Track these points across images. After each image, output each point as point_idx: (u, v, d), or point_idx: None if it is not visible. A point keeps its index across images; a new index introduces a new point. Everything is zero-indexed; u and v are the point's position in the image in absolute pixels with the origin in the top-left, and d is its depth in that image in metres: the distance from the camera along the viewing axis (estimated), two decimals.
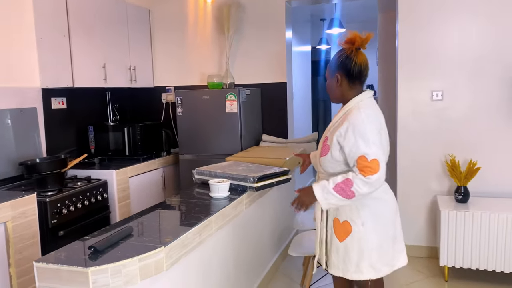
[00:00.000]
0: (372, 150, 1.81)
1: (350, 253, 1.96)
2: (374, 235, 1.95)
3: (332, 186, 1.86)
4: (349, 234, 1.95)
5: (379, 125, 1.92)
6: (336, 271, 2.03)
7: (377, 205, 1.97)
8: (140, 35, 4.17)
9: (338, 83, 1.99)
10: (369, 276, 1.97)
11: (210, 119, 3.69)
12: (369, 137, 1.83)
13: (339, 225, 1.98)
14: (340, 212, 1.97)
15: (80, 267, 1.35)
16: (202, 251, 2.12)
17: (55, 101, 3.48)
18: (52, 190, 2.81)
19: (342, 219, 1.97)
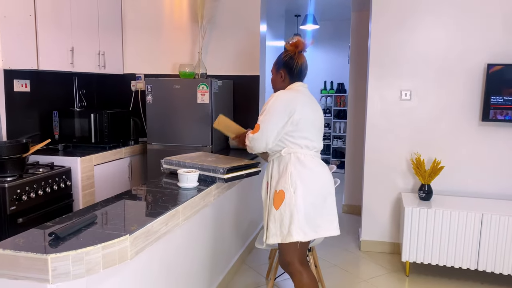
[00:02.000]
0: (260, 118, 2.25)
1: (284, 218, 2.20)
2: (302, 200, 2.19)
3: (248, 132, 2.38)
4: (283, 201, 2.20)
5: (286, 105, 2.22)
6: (274, 238, 2.25)
7: (308, 175, 2.23)
8: (110, 19, 4.04)
9: (282, 78, 2.37)
10: (298, 238, 2.18)
11: (180, 109, 3.63)
12: (265, 110, 2.25)
13: (276, 194, 2.24)
14: (278, 184, 2.25)
15: (39, 254, 1.30)
16: (169, 241, 2.09)
17: (17, 83, 3.33)
18: (12, 175, 2.68)
19: (279, 189, 2.23)
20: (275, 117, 2.21)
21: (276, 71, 2.39)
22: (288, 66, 2.35)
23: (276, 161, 2.33)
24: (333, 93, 7.58)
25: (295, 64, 2.34)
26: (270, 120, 2.21)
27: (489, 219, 3.09)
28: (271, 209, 2.27)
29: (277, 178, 2.27)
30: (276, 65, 2.40)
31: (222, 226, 2.95)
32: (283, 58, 2.36)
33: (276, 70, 2.39)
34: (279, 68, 2.38)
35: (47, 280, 1.30)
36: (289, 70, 2.35)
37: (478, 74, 3.46)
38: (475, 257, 3.16)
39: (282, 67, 2.36)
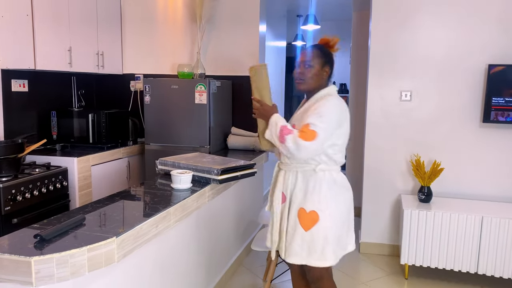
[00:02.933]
0: (317, 123, 1.92)
1: (315, 241, 2.02)
2: (335, 223, 2.05)
3: (281, 124, 2.00)
4: (315, 223, 2.01)
5: (340, 115, 2.01)
6: (298, 259, 2.07)
7: (342, 195, 2.08)
8: (109, 19, 4.03)
9: (325, 76, 2.10)
10: (331, 263, 2.06)
11: (178, 109, 3.62)
12: (323, 116, 1.94)
13: (306, 214, 2.02)
14: (307, 202, 2.03)
15: (23, 256, 1.28)
16: (161, 243, 2.07)
17: (15, 83, 3.33)
18: (7, 175, 2.68)
19: (309, 209, 2.02)
20: (331, 126, 1.96)
21: (322, 65, 2.08)
22: (332, 63, 2.13)
23: (303, 175, 2.07)
24: None
25: (334, 64, 2.17)
26: (328, 130, 1.95)
27: (489, 221, 3.05)
28: (296, 229, 2.05)
29: (304, 195, 2.05)
30: (322, 58, 2.09)
31: (219, 227, 2.92)
32: (329, 53, 2.12)
33: (322, 65, 2.08)
34: (326, 63, 2.09)
35: (30, 283, 1.28)
36: (332, 67, 2.12)
37: (479, 75, 3.42)
38: (475, 260, 3.11)
39: (329, 64, 2.10)
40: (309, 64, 2.07)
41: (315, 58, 2.07)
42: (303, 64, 2.08)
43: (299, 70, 2.10)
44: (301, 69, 2.09)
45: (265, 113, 2.07)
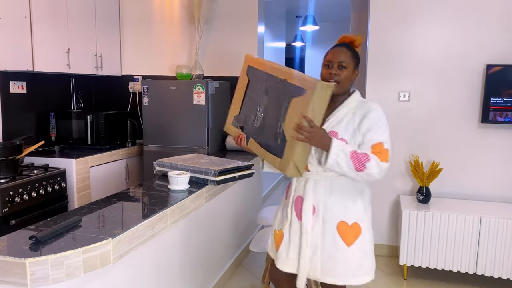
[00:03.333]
0: (387, 140, 1.80)
1: (360, 256, 1.85)
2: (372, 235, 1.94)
3: (350, 150, 1.73)
4: (358, 236, 1.84)
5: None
6: (340, 279, 1.85)
7: (369, 203, 1.98)
8: (108, 21, 4.04)
9: (354, 78, 1.91)
10: (373, 277, 1.91)
11: (176, 110, 3.62)
12: (386, 129, 1.82)
13: (348, 228, 1.83)
14: (348, 214, 1.84)
15: (18, 258, 1.28)
16: (158, 244, 2.07)
17: (14, 85, 3.33)
18: (5, 177, 2.68)
19: (352, 221, 1.84)
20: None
21: (354, 67, 1.89)
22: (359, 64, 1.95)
23: (340, 185, 1.88)
24: None
25: None
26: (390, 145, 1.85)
27: (488, 222, 3.05)
28: (337, 245, 1.83)
29: (344, 207, 1.85)
30: (355, 60, 1.90)
31: (217, 228, 2.92)
32: (357, 54, 1.94)
33: (354, 67, 1.89)
34: (357, 65, 1.91)
35: (25, 284, 1.28)
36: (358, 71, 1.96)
37: (477, 75, 3.42)
38: (473, 261, 3.11)
39: (358, 67, 1.92)
40: (343, 65, 1.85)
41: (349, 59, 1.86)
42: (338, 65, 1.85)
43: (332, 71, 1.84)
44: (335, 70, 1.85)
45: (319, 138, 1.71)
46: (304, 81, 1.69)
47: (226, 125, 2.13)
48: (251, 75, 2.00)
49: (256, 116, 1.92)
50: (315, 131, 1.68)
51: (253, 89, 1.97)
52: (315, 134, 1.68)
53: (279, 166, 1.78)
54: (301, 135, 1.67)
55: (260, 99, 1.91)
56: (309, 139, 1.68)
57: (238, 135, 2.00)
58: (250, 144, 1.94)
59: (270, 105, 1.85)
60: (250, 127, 1.95)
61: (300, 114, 1.67)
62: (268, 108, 1.86)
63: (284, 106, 1.75)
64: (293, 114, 1.71)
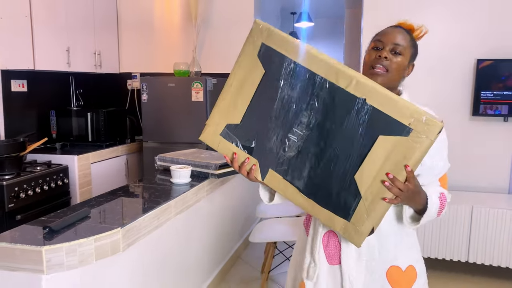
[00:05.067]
0: (447, 163, 1.41)
1: None
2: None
3: (437, 197, 1.29)
4: (414, 282, 1.38)
5: None
6: None
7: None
8: (106, 19, 4.10)
9: (408, 73, 1.42)
10: None
11: (175, 106, 3.69)
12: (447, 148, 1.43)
13: (401, 274, 1.36)
14: (399, 256, 1.35)
15: (34, 246, 1.36)
16: (161, 235, 2.15)
17: (15, 83, 3.39)
18: (10, 173, 2.75)
19: (406, 265, 1.36)
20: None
21: (410, 59, 1.38)
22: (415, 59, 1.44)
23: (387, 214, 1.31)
24: None
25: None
26: None
27: (479, 211, 3.15)
28: None
29: (397, 246, 1.35)
30: (414, 49, 1.40)
31: (218, 221, 3.01)
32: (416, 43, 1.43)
33: (411, 58, 1.39)
34: (414, 57, 1.41)
35: (42, 271, 1.36)
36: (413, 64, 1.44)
37: (468, 69, 3.51)
38: (465, 249, 3.21)
39: (414, 59, 1.43)
40: (399, 50, 1.34)
41: (407, 44, 1.36)
42: (392, 48, 1.34)
43: (383, 53, 1.33)
44: (386, 52, 1.33)
45: (412, 196, 1.17)
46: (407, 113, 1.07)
47: (204, 133, 1.29)
48: (274, 64, 1.17)
49: (286, 139, 1.19)
50: (411, 188, 1.13)
51: (278, 89, 1.18)
52: (409, 192, 1.14)
53: (340, 229, 1.18)
54: (391, 195, 1.11)
55: (298, 113, 1.16)
56: (402, 199, 1.14)
57: (235, 157, 1.26)
58: (270, 179, 1.22)
59: (324, 131, 1.14)
60: (269, 153, 1.21)
61: (397, 163, 1.07)
62: (320, 135, 1.15)
63: (360, 143, 1.10)
64: (380, 159, 1.09)
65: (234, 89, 1.23)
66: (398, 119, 1.06)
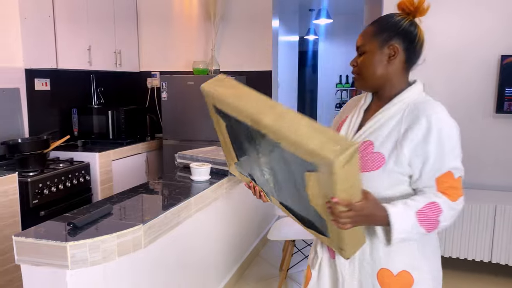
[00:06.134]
0: (460, 165, 1.29)
1: None
2: (437, 284, 1.37)
3: (415, 210, 1.18)
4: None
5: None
6: None
7: (436, 241, 1.38)
8: (126, 18, 4.15)
9: (392, 58, 1.29)
10: None
11: (194, 104, 3.72)
12: (458, 146, 1.29)
13: (393, 278, 1.30)
14: (393, 259, 1.29)
15: (59, 242, 1.39)
16: (181, 232, 2.17)
17: (38, 82, 3.46)
18: (34, 170, 2.81)
19: (398, 270, 1.29)
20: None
21: (381, 44, 1.28)
22: (408, 37, 1.29)
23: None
24: (348, 87, 7.57)
25: (418, 38, 1.31)
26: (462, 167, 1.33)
27: (503, 211, 3.08)
28: None
29: (388, 249, 1.28)
30: (379, 34, 1.29)
31: (236, 218, 3.02)
32: (398, 22, 1.29)
33: (381, 43, 1.28)
34: (388, 38, 1.28)
35: (66, 266, 1.39)
36: (408, 46, 1.30)
37: (492, 66, 3.43)
38: (488, 249, 3.15)
39: (396, 38, 1.28)
40: (361, 50, 1.31)
41: (368, 38, 1.30)
42: (358, 52, 1.33)
43: (352, 62, 1.35)
44: (355, 59, 1.34)
45: (367, 219, 1.15)
46: (311, 153, 1.03)
47: (230, 168, 1.48)
48: (225, 119, 1.30)
49: (262, 174, 1.29)
50: (359, 213, 1.11)
51: (237, 137, 1.29)
52: (359, 217, 1.12)
53: (329, 243, 1.29)
54: (341, 224, 1.11)
55: (253, 156, 1.26)
56: (354, 224, 1.13)
57: (251, 185, 1.41)
58: (274, 201, 1.37)
59: (275, 169, 1.20)
60: (262, 183, 1.33)
61: (325, 195, 1.09)
62: (275, 172, 1.21)
63: (298, 178, 1.13)
64: (316, 192, 1.11)
65: (221, 137, 1.38)
66: (307, 160, 1.05)
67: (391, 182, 1.26)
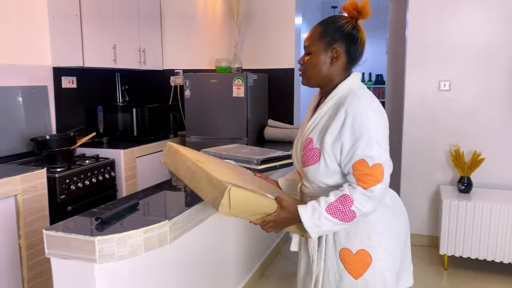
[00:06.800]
0: (375, 152, 1.34)
1: None
2: (396, 257, 1.51)
3: (324, 207, 1.35)
4: (368, 266, 1.44)
5: (382, 120, 1.41)
6: None
7: (398, 218, 1.54)
8: (150, 17, 4.19)
9: (335, 60, 1.44)
10: None
11: (217, 102, 3.73)
12: (373, 135, 1.35)
13: (352, 257, 1.45)
14: (352, 240, 1.45)
15: (87, 236, 1.41)
16: (205, 229, 2.18)
17: (65, 80, 3.53)
18: (61, 166, 2.87)
19: (356, 249, 1.45)
20: (386, 140, 1.41)
21: (325, 47, 1.43)
22: (350, 40, 1.43)
23: None
24: (371, 84, 7.48)
25: (360, 41, 1.45)
26: (386, 148, 1.39)
27: None
28: (342, 278, 1.46)
29: (346, 231, 1.45)
30: (324, 38, 1.43)
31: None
32: (341, 26, 1.43)
33: (325, 46, 1.43)
34: (332, 41, 1.42)
35: (94, 260, 1.41)
36: (350, 48, 1.44)
37: None
38: None
39: (339, 41, 1.42)
40: (307, 50, 1.47)
41: (314, 39, 1.45)
42: (305, 52, 1.50)
43: (300, 60, 1.52)
44: (302, 58, 1.50)
45: (282, 222, 1.41)
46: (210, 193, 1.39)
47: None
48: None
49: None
50: (275, 222, 1.40)
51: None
52: (277, 223, 1.40)
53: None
54: (268, 231, 1.44)
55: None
56: (278, 229, 1.42)
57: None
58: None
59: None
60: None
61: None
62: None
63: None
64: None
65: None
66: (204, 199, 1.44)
67: (329, 173, 1.43)
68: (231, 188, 1.29)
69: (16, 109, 3.05)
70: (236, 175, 1.61)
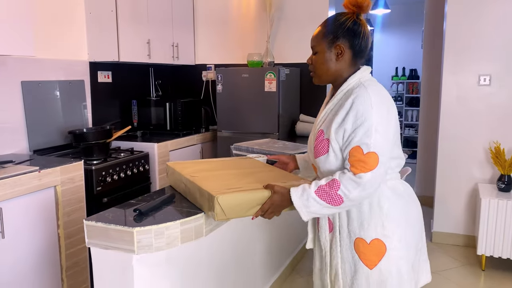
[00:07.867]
0: (372, 140, 1.38)
1: (387, 281, 1.48)
2: (411, 248, 1.53)
3: (314, 189, 1.42)
4: (383, 256, 1.47)
5: (387, 111, 1.44)
6: None
7: (412, 208, 1.57)
8: (183, 12, 4.22)
9: (340, 56, 1.51)
10: None
11: (248, 97, 3.73)
12: (373, 123, 1.38)
13: (367, 247, 1.48)
14: (366, 229, 1.48)
15: (126, 227, 1.44)
16: (237, 223, 2.19)
17: (101, 74, 3.61)
18: (98, 159, 2.94)
19: (370, 238, 1.48)
20: (387, 131, 1.42)
21: (329, 45, 1.51)
22: (352, 36, 1.49)
23: None
24: (405, 79, 7.30)
25: (363, 34, 1.50)
26: (386, 138, 1.42)
27: None
28: (357, 268, 1.50)
29: (360, 220, 1.50)
30: (327, 36, 1.51)
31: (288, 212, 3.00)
32: (342, 23, 1.49)
33: (329, 44, 1.51)
34: (335, 39, 1.50)
35: (133, 250, 1.44)
36: (353, 43, 1.50)
37: None
38: None
39: (342, 38, 1.49)
40: (314, 50, 1.57)
41: (319, 39, 1.54)
42: (312, 51, 1.59)
43: (308, 60, 1.61)
44: (310, 57, 1.59)
45: (278, 207, 1.50)
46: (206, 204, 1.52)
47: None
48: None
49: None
50: (272, 208, 1.48)
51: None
52: (274, 208, 1.49)
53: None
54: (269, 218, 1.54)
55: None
56: (277, 213, 1.52)
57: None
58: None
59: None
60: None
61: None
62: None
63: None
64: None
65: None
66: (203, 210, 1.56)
67: (339, 162, 1.48)
68: (218, 197, 1.40)
69: (54, 102, 3.14)
70: (234, 172, 1.74)
